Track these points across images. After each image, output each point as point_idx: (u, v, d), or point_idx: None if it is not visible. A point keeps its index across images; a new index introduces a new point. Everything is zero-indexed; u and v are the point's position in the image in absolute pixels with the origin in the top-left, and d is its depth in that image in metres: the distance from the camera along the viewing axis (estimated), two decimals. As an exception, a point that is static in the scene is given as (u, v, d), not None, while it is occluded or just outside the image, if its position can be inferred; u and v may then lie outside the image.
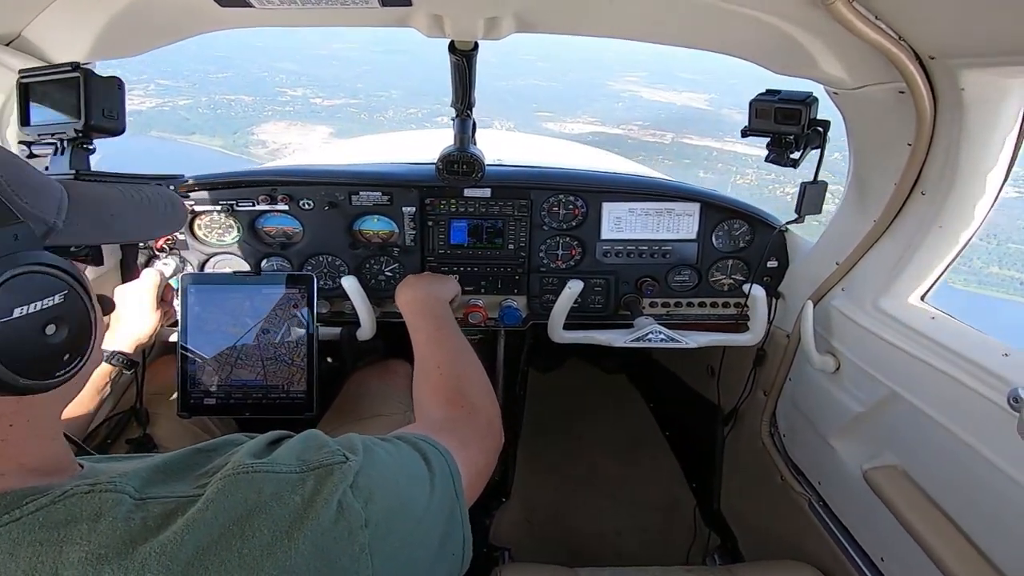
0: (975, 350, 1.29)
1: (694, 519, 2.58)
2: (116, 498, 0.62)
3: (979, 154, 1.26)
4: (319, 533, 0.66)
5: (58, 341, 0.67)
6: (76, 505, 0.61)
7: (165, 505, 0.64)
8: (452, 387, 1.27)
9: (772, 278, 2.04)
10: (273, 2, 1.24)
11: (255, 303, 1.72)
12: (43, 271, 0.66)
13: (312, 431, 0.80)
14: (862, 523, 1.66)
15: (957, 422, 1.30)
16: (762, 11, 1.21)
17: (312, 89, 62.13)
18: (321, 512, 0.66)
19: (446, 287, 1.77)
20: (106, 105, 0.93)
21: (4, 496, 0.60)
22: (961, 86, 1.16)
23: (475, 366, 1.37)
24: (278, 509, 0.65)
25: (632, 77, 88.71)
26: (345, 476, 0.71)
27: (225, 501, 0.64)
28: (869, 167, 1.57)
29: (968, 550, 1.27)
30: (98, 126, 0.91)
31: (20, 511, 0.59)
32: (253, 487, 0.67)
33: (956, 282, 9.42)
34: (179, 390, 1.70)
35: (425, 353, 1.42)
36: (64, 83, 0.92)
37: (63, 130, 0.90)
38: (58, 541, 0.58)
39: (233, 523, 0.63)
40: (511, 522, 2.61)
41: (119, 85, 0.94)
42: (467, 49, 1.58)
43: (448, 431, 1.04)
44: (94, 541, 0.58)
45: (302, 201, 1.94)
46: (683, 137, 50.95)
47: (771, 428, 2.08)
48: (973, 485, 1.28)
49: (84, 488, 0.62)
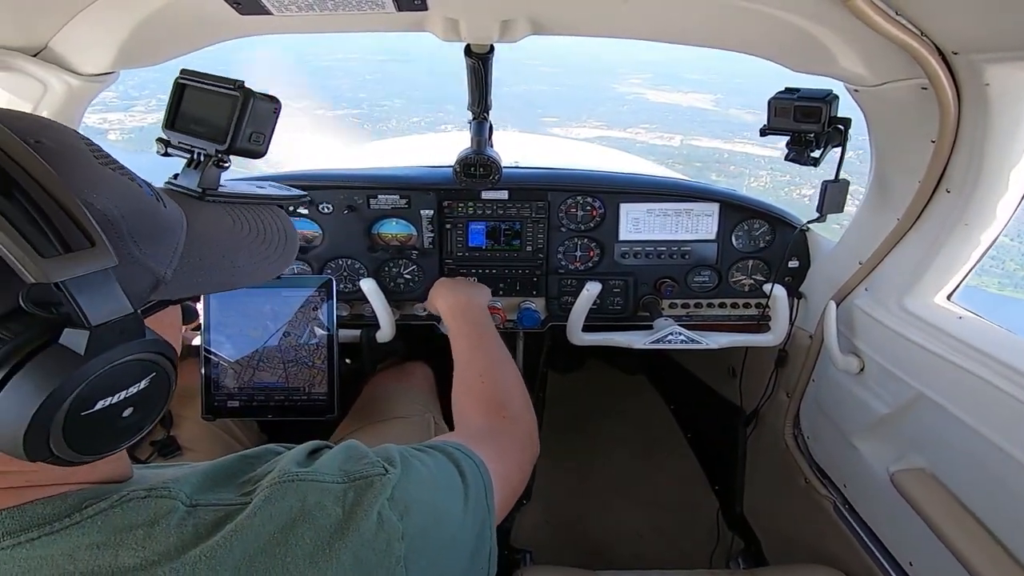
0: (1004, 350, 1.26)
1: (717, 522, 2.55)
2: (170, 504, 0.63)
3: (1005, 150, 1.23)
4: (359, 544, 0.66)
5: (129, 423, 0.61)
6: (133, 510, 0.62)
7: (216, 512, 0.65)
8: (494, 396, 1.26)
9: (793, 278, 2.01)
10: (292, 9, 1.25)
11: (275, 306, 1.74)
12: (140, 359, 0.59)
13: (352, 442, 0.81)
14: (889, 527, 1.62)
15: (986, 424, 1.27)
16: (780, 8, 1.20)
17: (315, 100, 62.43)
18: (361, 524, 0.67)
19: (483, 293, 1.80)
20: (256, 128, 0.86)
21: (66, 498, 0.61)
22: (986, 81, 1.14)
23: (516, 377, 1.37)
24: (321, 519, 0.67)
25: (636, 79, 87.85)
26: (384, 488, 0.72)
27: (272, 509, 0.66)
28: (892, 165, 1.55)
29: (1001, 556, 1.24)
30: (241, 149, 0.86)
31: (80, 514, 0.60)
32: (298, 495, 0.68)
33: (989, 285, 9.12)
34: (202, 393, 1.72)
35: (467, 360, 1.41)
36: (221, 99, 0.85)
37: (204, 147, 0.85)
38: (115, 545, 0.59)
39: (279, 531, 0.64)
40: (532, 524, 2.60)
41: (276, 110, 0.88)
42: (483, 52, 1.58)
43: (486, 441, 1.04)
44: (149, 547, 0.60)
45: (321, 205, 1.96)
46: (692, 139, 50.10)
47: (794, 430, 2.05)
48: (1004, 489, 1.24)
49: (140, 494, 0.63)
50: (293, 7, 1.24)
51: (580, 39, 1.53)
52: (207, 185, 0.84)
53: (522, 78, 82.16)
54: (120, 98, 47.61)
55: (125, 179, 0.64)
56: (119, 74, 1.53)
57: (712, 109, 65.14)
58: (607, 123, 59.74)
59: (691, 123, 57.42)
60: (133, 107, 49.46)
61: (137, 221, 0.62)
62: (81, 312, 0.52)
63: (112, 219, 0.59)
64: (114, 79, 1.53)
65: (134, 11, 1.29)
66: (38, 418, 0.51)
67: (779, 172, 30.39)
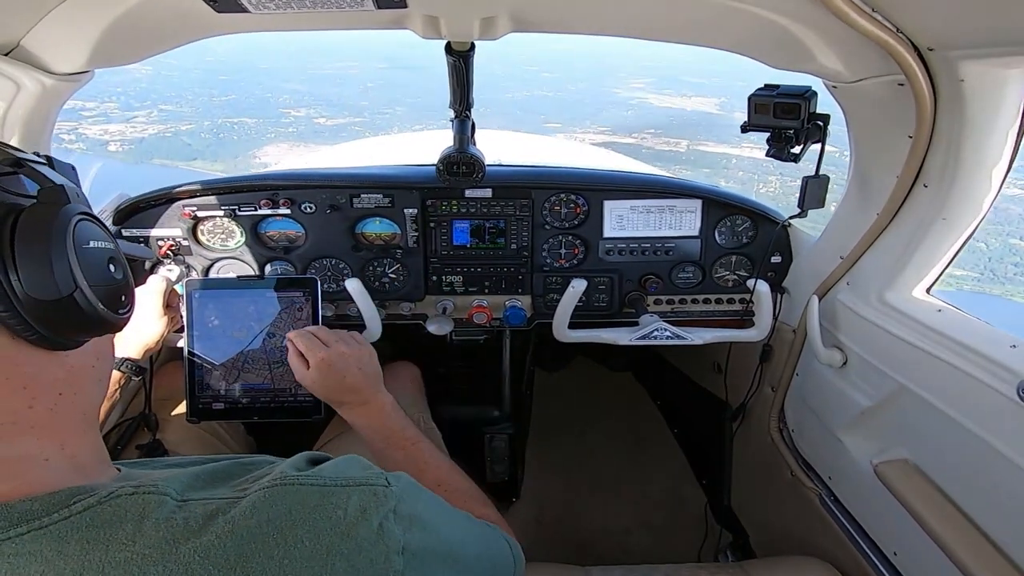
0: (983, 342, 1.28)
1: (704, 516, 2.57)
2: (159, 500, 0.64)
3: (981, 145, 1.25)
4: (357, 551, 0.66)
5: (118, 278, 0.75)
6: (122, 506, 0.62)
7: (206, 506, 0.65)
8: (465, 499, 1.14)
9: (776, 273, 2.02)
10: (268, 6, 1.24)
11: (259, 307, 1.72)
12: (93, 220, 0.74)
13: (354, 456, 0.80)
14: (873, 518, 1.64)
15: (966, 415, 1.29)
16: (757, 6, 1.20)
17: (316, 109, 61.62)
18: (361, 530, 0.67)
19: (366, 361, 1.36)
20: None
21: (54, 495, 0.61)
22: (960, 77, 1.15)
23: (456, 472, 1.23)
24: (321, 522, 0.66)
25: (638, 83, 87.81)
26: (388, 500, 0.72)
27: (269, 509, 0.65)
28: (870, 160, 1.56)
29: (981, 543, 1.26)
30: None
31: (69, 510, 0.60)
32: (298, 498, 0.68)
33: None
34: (187, 396, 1.70)
35: (429, 463, 1.23)
36: None
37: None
38: (105, 540, 0.59)
39: (276, 531, 0.64)
40: (521, 521, 2.61)
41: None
42: (463, 50, 1.57)
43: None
44: (139, 542, 0.60)
45: (304, 205, 1.94)
46: (698, 144, 49.88)
47: (780, 424, 2.07)
48: (984, 478, 1.26)
49: (129, 489, 0.64)
50: (271, 4, 1.23)
51: (578, 43, 1.53)
52: None
53: (523, 84, 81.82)
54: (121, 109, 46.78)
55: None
56: (94, 73, 1.50)
57: (718, 113, 65.03)
58: (611, 128, 59.45)
59: (697, 127, 57.23)
60: (134, 118, 48.68)
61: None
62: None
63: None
64: (89, 78, 1.51)
65: (107, 9, 1.26)
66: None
67: (789, 177, 30.08)
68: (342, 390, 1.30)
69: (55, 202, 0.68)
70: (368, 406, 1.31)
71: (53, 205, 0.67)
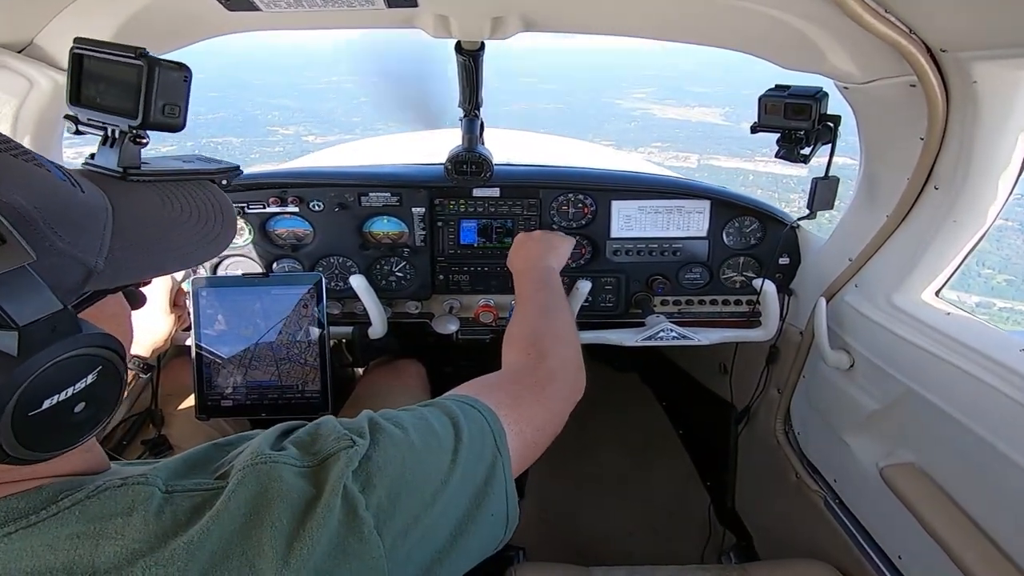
0: (991, 346, 1.28)
1: (708, 518, 2.56)
2: (147, 491, 0.63)
3: (993, 147, 1.24)
4: (332, 520, 0.66)
5: (84, 418, 0.61)
6: (110, 499, 0.62)
7: (192, 499, 0.65)
8: (525, 338, 1.22)
9: (784, 275, 2.02)
10: (280, 5, 1.24)
11: (266, 305, 1.73)
12: (80, 354, 0.58)
13: (326, 418, 0.80)
14: (879, 521, 1.64)
15: (974, 419, 1.28)
16: (770, 6, 1.20)
17: (305, 126, 60.56)
18: (331, 500, 0.67)
19: (554, 252, 1.68)
20: (168, 100, 0.77)
21: (40, 491, 0.61)
22: (973, 79, 1.14)
23: (558, 320, 1.32)
24: (295, 496, 0.66)
25: (639, 94, 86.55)
26: (351, 461, 0.71)
27: (246, 492, 0.65)
28: (880, 162, 1.55)
29: (988, 548, 1.25)
30: (156, 123, 0.78)
31: (57, 506, 0.60)
32: (272, 476, 0.67)
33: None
34: (196, 393, 1.71)
35: (516, 317, 1.38)
36: (124, 70, 0.77)
37: (116, 123, 0.77)
38: (94, 535, 0.59)
39: (254, 513, 0.64)
40: (525, 521, 2.56)
41: (186, 78, 0.79)
42: (473, 49, 1.58)
43: (501, 386, 1.02)
44: (128, 535, 0.59)
45: (312, 203, 1.95)
46: (709, 158, 48.33)
47: (785, 426, 2.06)
48: (992, 483, 1.26)
49: (116, 483, 0.63)
50: (282, 3, 1.23)
51: (575, 54, 1.52)
52: (127, 164, 0.78)
53: (521, 96, 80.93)
54: (105, 128, 46.23)
55: (31, 166, 0.61)
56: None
57: (724, 124, 63.92)
58: (616, 142, 58.54)
59: (706, 140, 55.87)
60: (112, 141, 48.17)
61: (54, 210, 0.59)
62: (4, 313, 0.52)
63: (24, 212, 0.56)
64: (101, 76, 1.51)
65: (120, 7, 1.27)
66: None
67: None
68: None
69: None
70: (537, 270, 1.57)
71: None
